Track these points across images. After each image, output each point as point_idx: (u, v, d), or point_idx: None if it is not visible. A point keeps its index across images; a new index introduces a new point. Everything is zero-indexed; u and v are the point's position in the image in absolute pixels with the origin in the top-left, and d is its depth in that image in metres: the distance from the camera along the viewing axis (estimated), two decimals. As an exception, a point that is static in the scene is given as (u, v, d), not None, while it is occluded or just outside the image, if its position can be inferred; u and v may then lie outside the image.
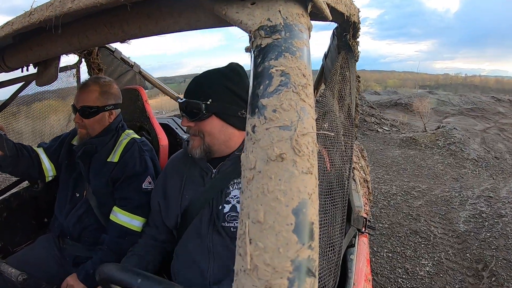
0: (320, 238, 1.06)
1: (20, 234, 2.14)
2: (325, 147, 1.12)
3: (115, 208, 1.75)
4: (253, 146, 0.47)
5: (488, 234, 4.20)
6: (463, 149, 8.34)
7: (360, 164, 2.67)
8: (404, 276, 3.71)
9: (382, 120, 11.54)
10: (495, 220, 4.43)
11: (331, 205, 1.16)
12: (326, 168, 1.13)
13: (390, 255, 4.13)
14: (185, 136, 2.55)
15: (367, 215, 1.94)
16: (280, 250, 0.41)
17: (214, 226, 1.40)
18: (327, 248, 1.12)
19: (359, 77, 1.48)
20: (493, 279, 3.36)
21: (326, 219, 1.12)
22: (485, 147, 8.70)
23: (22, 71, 1.53)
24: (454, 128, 9.67)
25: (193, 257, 1.41)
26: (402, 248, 4.23)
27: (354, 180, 1.99)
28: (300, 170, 0.45)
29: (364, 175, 2.64)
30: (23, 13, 0.84)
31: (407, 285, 3.61)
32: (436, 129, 10.13)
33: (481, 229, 4.36)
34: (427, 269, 3.83)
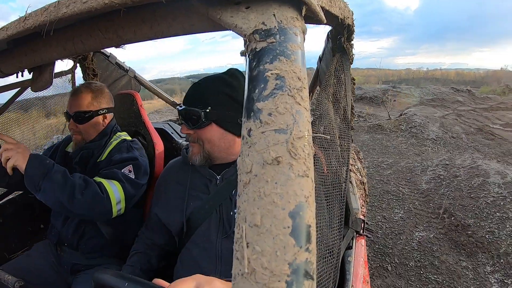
0: (318, 241, 1.06)
1: (16, 240, 2.13)
2: (322, 150, 1.13)
3: (94, 178, 1.66)
4: (249, 150, 0.47)
5: (446, 190, 5.35)
6: (423, 131, 9.57)
7: (356, 166, 2.68)
8: (383, 221, 4.87)
9: (351, 112, 12.78)
10: (451, 180, 5.56)
11: (329, 208, 1.16)
12: (323, 171, 1.13)
13: (369, 208, 5.17)
14: (180, 141, 2.54)
15: (364, 217, 1.94)
16: (277, 253, 0.41)
17: (223, 233, 1.39)
18: (326, 251, 1.12)
19: (354, 79, 1.48)
20: (452, 218, 4.62)
21: (324, 222, 1.12)
22: (443, 130, 9.80)
23: (17, 77, 1.53)
24: (415, 115, 10.90)
25: (198, 263, 1.40)
26: (378, 203, 5.42)
27: (351, 182, 1.99)
28: (296, 173, 0.45)
29: (360, 177, 2.65)
30: (17, 18, 0.83)
31: (386, 226, 4.73)
32: (399, 116, 11.34)
33: (440, 186, 5.53)
34: (400, 216, 4.99)
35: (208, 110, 1.35)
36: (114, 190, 1.61)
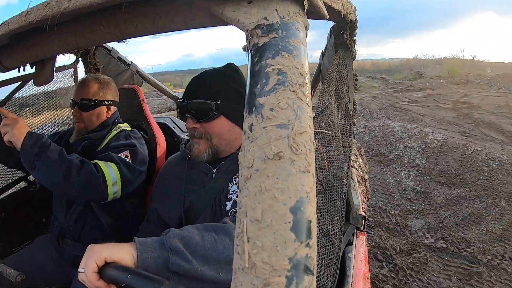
0: (319, 236, 1.06)
1: (18, 234, 2.14)
2: (323, 146, 1.12)
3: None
4: (250, 145, 0.47)
5: (366, 139, 8.31)
6: (347, 111, 12.59)
7: (357, 163, 2.67)
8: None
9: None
10: (370, 132, 8.68)
11: (330, 204, 1.16)
12: (325, 166, 1.13)
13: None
14: (182, 135, 2.54)
15: (365, 213, 1.94)
16: (278, 248, 0.41)
17: None
18: (326, 246, 1.12)
19: (356, 75, 1.48)
20: (373, 151, 7.54)
21: (325, 218, 1.12)
22: (362, 107, 12.24)
23: (19, 71, 1.53)
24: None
25: None
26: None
27: (352, 178, 1.99)
28: (298, 168, 0.45)
29: (362, 173, 2.64)
30: (19, 12, 0.83)
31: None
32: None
33: (363, 137, 8.44)
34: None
35: (218, 102, 1.35)
36: (110, 171, 1.61)
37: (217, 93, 1.37)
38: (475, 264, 3.62)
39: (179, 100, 1.44)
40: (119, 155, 1.70)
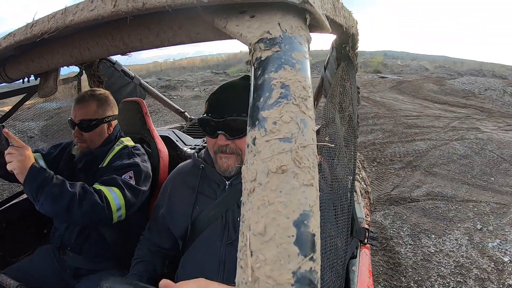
0: (323, 250, 1.05)
1: (19, 245, 2.13)
2: (327, 159, 1.12)
3: (94, 185, 1.65)
4: (253, 158, 0.47)
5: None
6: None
7: (361, 175, 2.66)
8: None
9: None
10: None
11: (335, 218, 1.15)
12: (329, 180, 1.12)
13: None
14: (185, 149, 2.54)
15: (369, 226, 1.93)
16: (281, 262, 0.40)
17: (228, 238, 1.38)
18: (330, 260, 1.11)
19: (359, 88, 1.48)
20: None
21: (330, 232, 1.11)
22: None
23: (23, 82, 1.54)
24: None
25: (201, 268, 1.39)
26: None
27: (355, 191, 1.98)
28: (301, 182, 0.45)
29: (365, 186, 2.63)
30: (25, 24, 0.84)
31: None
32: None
33: None
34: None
35: None
36: (114, 197, 1.60)
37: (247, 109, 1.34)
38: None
39: (204, 116, 1.40)
40: (123, 176, 1.69)
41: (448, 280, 3.34)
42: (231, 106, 1.35)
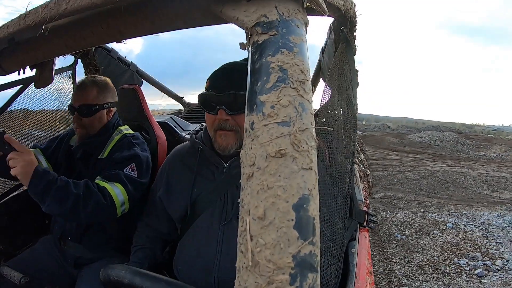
0: (323, 233, 1.06)
1: (21, 236, 2.14)
2: (326, 142, 1.12)
3: (96, 180, 1.65)
4: (252, 143, 0.47)
5: None
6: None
7: (359, 158, 2.67)
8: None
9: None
10: None
11: (334, 200, 1.16)
12: (327, 163, 1.12)
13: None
14: (183, 134, 2.53)
15: (368, 208, 1.94)
16: (281, 246, 0.41)
17: (226, 220, 1.38)
18: (330, 243, 1.12)
19: (357, 70, 1.47)
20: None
21: (329, 214, 1.12)
22: None
23: (18, 74, 1.53)
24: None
25: (198, 250, 1.39)
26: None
27: (354, 174, 1.99)
28: (300, 166, 0.45)
29: (364, 168, 2.64)
30: (18, 16, 0.83)
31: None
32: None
33: None
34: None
35: None
36: (118, 193, 1.61)
37: None
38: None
39: (206, 92, 1.40)
40: (125, 170, 1.70)
41: (400, 227, 5.90)
42: (232, 82, 1.36)
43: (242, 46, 0.59)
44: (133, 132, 1.95)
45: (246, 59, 1.43)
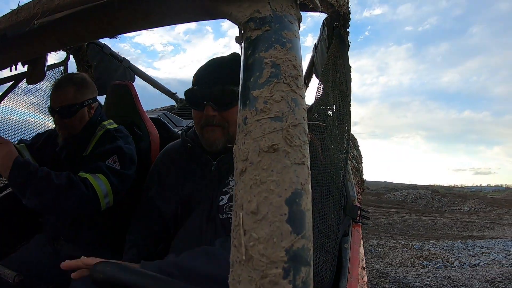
0: (318, 229, 1.06)
1: (15, 235, 2.12)
2: (318, 137, 1.12)
3: (79, 173, 1.62)
4: (244, 138, 0.47)
5: None
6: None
7: (352, 154, 2.68)
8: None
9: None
10: None
11: (327, 196, 1.16)
12: (321, 158, 1.13)
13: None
14: (176, 130, 2.52)
15: (361, 204, 1.95)
16: (274, 240, 0.41)
17: (210, 219, 1.38)
18: (325, 239, 1.12)
19: (350, 67, 1.48)
20: None
21: (324, 210, 1.12)
22: None
23: (10, 70, 1.52)
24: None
25: (191, 248, 1.39)
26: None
27: (347, 169, 1.99)
28: (293, 160, 0.45)
29: (356, 164, 2.65)
30: (10, 11, 0.82)
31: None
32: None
33: None
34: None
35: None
36: (100, 184, 1.58)
37: (237, 79, 1.32)
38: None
39: (193, 88, 1.39)
40: (107, 162, 1.66)
41: (375, 247, 7.25)
42: (219, 78, 1.35)
43: (238, 39, 0.59)
44: (116, 126, 1.92)
45: (232, 54, 1.44)
